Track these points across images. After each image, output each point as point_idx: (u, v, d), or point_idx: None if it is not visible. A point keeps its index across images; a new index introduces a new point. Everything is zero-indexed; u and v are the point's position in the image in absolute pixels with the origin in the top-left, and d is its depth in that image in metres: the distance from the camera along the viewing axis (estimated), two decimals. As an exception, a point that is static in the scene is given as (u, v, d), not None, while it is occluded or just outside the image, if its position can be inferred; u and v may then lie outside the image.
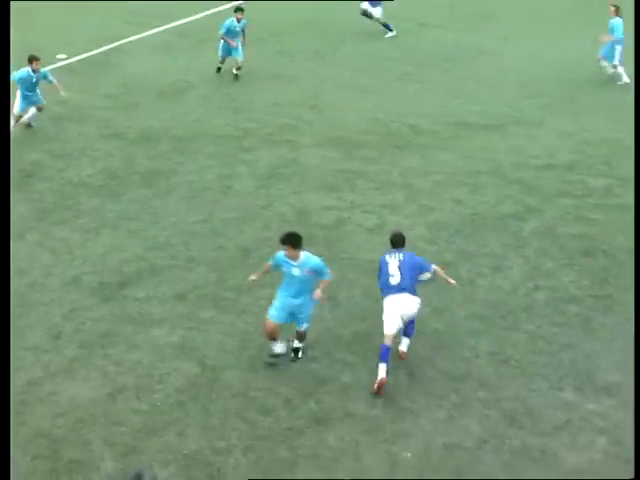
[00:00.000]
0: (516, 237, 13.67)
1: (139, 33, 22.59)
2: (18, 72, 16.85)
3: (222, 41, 19.70)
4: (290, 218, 14.14)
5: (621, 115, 18.02)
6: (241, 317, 11.75)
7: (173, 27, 23.09)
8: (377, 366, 10.21)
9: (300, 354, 10.96)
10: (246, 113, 18.04)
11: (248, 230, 13.84)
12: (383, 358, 10.37)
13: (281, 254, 10.38)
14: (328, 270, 10.44)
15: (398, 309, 10.52)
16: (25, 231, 13.80)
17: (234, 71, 19.81)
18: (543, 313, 11.85)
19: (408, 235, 13.38)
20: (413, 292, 10.67)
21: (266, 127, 17.34)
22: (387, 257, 10.92)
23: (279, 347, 10.86)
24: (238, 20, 19.59)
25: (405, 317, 10.59)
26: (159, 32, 22.72)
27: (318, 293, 10.44)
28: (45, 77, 17.11)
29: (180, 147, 16.59)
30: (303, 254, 10.37)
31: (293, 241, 10.26)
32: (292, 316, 10.68)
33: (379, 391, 10.23)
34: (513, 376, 10.53)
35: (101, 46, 21.61)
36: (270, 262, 10.71)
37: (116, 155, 16.34)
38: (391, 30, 22.98)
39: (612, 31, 19.50)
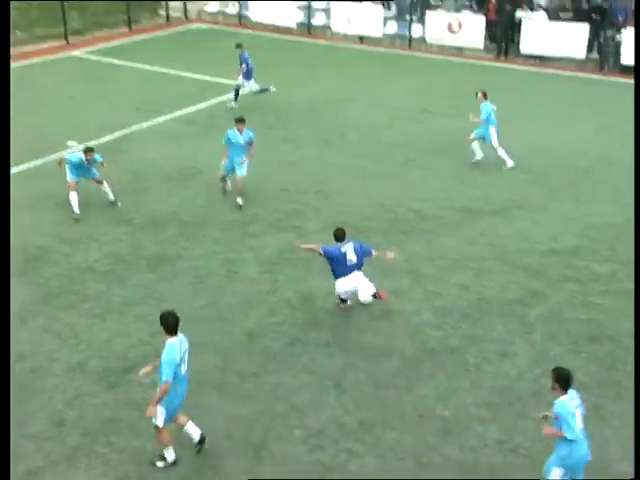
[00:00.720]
0: (522, 322, 13.55)
1: (148, 120, 22.82)
2: (71, 156, 17.41)
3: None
4: (295, 304, 14.06)
5: (622, 199, 18.06)
6: (245, 403, 11.60)
7: (181, 115, 23.33)
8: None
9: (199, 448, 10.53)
10: (253, 199, 18.06)
11: (253, 315, 13.74)
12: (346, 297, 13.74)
13: None
14: (165, 376, 9.98)
15: (352, 284, 13.33)
16: (30, 316, 13.72)
17: (238, 201, 17.73)
18: (552, 400, 11.63)
19: (414, 320, 13.44)
20: (360, 268, 13.42)
21: (274, 213, 17.36)
22: (342, 249, 13.27)
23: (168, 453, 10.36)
24: (240, 131, 17.65)
25: (356, 287, 13.40)
26: (167, 120, 22.94)
27: (150, 410, 10.12)
28: (96, 162, 17.46)
29: (187, 232, 16.59)
30: (170, 340, 10.14)
31: (162, 319, 10.17)
32: None
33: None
34: (523, 465, 10.30)
35: (111, 133, 21.81)
36: None
37: (123, 240, 16.34)
38: (268, 90, 23.67)
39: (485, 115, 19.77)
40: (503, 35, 29.68)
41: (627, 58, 27.15)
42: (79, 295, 14.38)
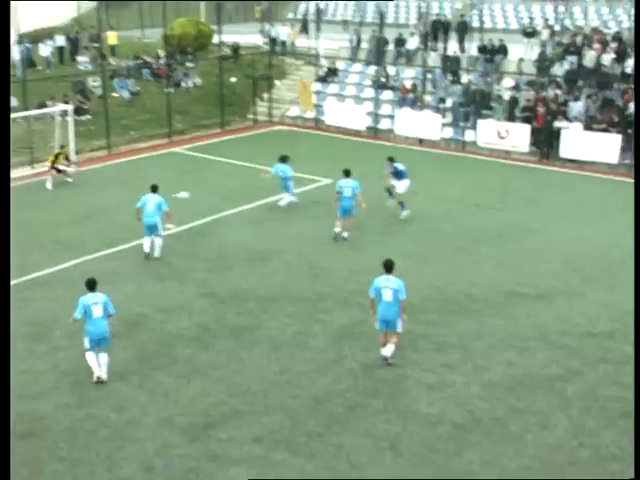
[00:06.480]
0: (561, 397, 13.15)
1: (235, 207, 23.12)
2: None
3: None
4: (358, 373, 13.89)
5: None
6: (311, 461, 11.42)
7: (263, 203, 23.59)
8: None
9: None
10: (323, 278, 18.10)
11: (320, 382, 13.60)
12: None
13: None
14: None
15: None
16: (128, 374, 13.83)
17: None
18: (587, 469, 11.23)
19: (464, 392, 13.15)
20: None
21: (340, 291, 17.31)
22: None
23: None
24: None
25: None
26: (252, 207, 23.22)
27: None
28: None
29: (264, 306, 16.62)
30: None
31: None
32: None
33: None
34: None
35: (203, 217, 22.17)
36: None
37: (209, 311, 16.44)
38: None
39: None
40: (545, 141, 29.58)
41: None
42: (170, 358, 14.46)
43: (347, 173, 20.72)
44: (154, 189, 19.24)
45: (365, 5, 45.25)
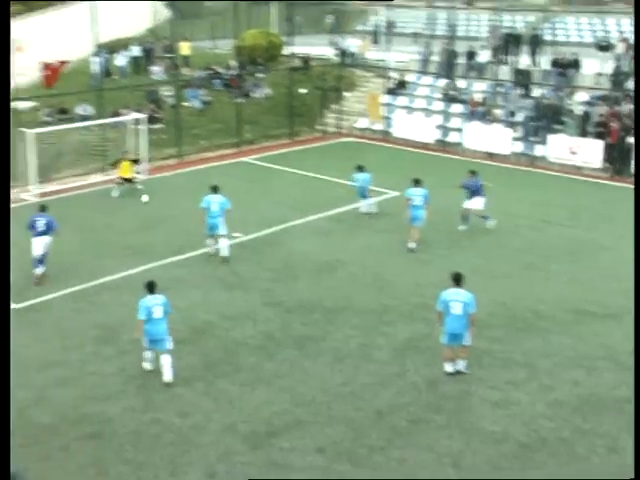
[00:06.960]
0: (630, 420, 12.80)
1: (302, 218, 23.27)
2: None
3: None
4: (421, 387, 13.82)
5: None
6: (373, 474, 11.39)
7: (331, 214, 23.69)
8: None
9: None
10: (389, 290, 18.06)
11: (383, 395, 13.58)
12: None
13: None
14: None
15: None
16: (192, 379, 14.03)
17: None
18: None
19: (529, 410, 12.96)
20: None
21: (405, 304, 17.25)
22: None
23: None
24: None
25: None
26: (319, 218, 23.34)
27: None
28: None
29: (330, 317, 16.67)
30: None
31: None
32: None
33: None
34: None
35: (270, 227, 22.36)
36: None
37: (274, 320, 16.56)
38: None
39: None
40: (619, 157, 28.97)
41: None
42: (234, 365, 14.62)
43: (417, 182, 20.93)
44: (215, 189, 19.71)
45: (436, 18, 45.13)
